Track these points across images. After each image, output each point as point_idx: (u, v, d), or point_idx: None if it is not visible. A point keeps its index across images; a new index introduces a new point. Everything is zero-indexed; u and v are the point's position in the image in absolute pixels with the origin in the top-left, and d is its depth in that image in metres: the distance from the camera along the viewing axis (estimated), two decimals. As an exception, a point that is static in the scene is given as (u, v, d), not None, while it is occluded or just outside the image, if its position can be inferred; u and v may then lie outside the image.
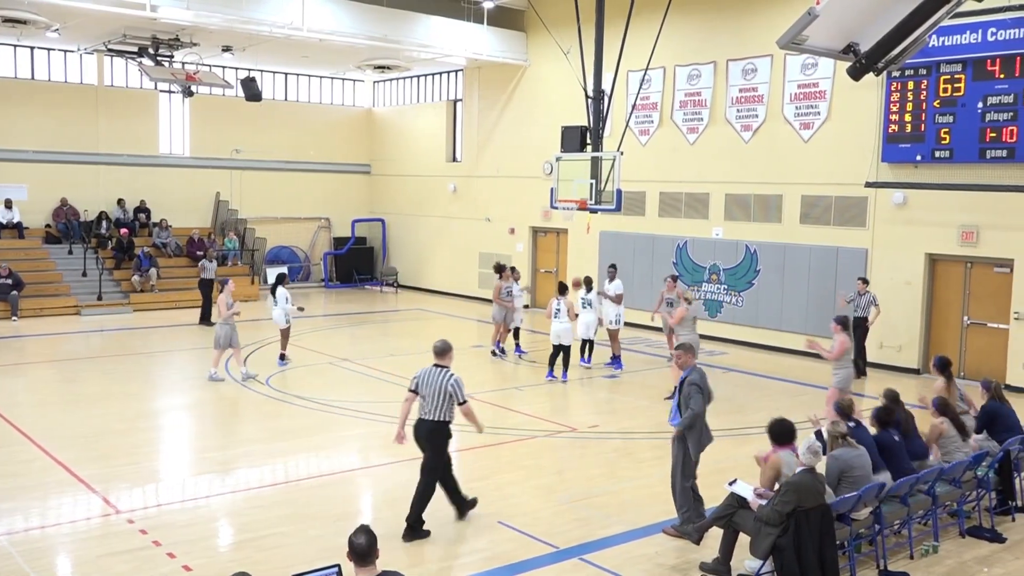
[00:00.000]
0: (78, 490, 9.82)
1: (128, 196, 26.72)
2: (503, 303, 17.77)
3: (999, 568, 8.27)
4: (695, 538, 8.22)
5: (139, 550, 8.22)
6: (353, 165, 31.27)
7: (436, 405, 8.68)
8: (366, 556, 5.11)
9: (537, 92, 24.62)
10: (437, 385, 8.65)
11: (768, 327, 19.29)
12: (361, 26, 21.67)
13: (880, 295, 17.49)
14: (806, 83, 18.58)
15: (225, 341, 15.42)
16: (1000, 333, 16.20)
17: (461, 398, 8.68)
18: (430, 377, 8.72)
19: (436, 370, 8.73)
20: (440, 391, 8.63)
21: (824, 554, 7.26)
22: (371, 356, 17.93)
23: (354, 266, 30.31)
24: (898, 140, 16.70)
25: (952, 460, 9.02)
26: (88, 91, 25.98)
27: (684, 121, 20.94)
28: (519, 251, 25.48)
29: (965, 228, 16.40)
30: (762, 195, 19.53)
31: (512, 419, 13.34)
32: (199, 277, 22.09)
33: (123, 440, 11.85)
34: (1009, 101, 15.20)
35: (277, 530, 8.78)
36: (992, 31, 15.33)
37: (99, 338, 19.96)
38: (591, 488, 10.33)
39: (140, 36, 21.61)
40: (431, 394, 8.68)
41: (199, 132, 27.98)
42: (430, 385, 8.68)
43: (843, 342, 11.86)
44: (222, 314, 15.47)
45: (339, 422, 13.10)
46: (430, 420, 8.74)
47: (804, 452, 7.48)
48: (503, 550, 8.37)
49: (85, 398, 14.30)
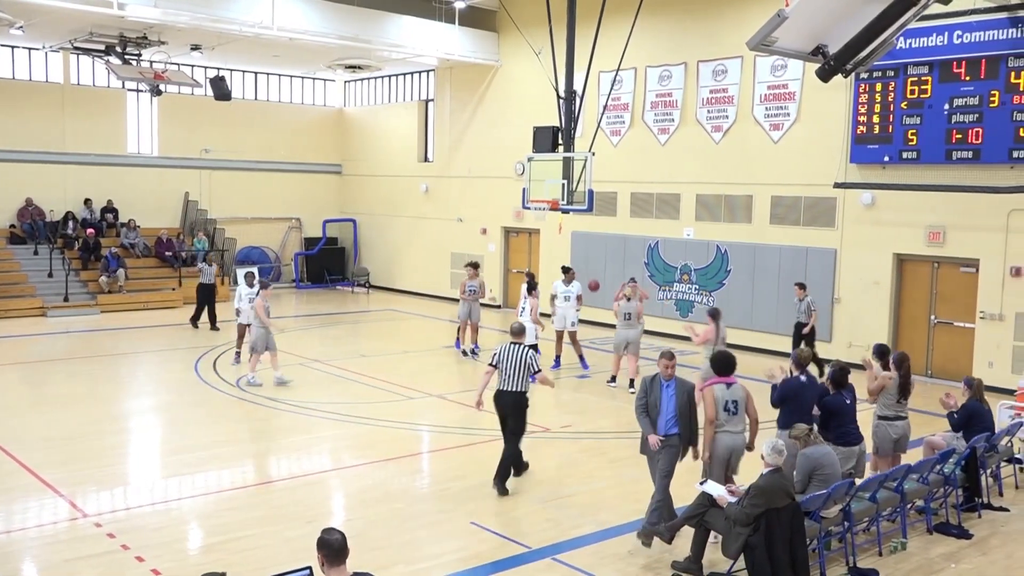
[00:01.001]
0: (44, 494, 9.67)
1: (95, 196, 26.39)
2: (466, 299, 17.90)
3: (966, 564, 8.38)
4: (667, 537, 8.25)
5: (107, 554, 8.12)
6: (324, 165, 31.10)
7: (516, 377, 9.78)
8: (338, 555, 5.07)
9: (509, 92, 24.63)
10: (516, 359, 9.77)
11: (739, 327, 19.37)
12: (332, 25, 21.55)
13: (849, 295, 17.72)
14: (776, 84, 18.73)
15: (262, 345, 15.13)
16: (966, 332, 16.42)
17: (536, 368, 9.81)
18: (508, 352, 9.83)
19: (513, 347, 9.85)
20: (519, 364, 9.76)
21: (795, 552, 7.32)
22: (342, 357, 17.83)
23: (325, 267, 30.15)
24: (866, 141, 16.88)
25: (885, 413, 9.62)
26: (54, 89, 25.63)
27: (655, 122, 21.04)
28: (491, 251, 25.48)
29: (932, 228, 16.61)
30: (732, 196, 19.67)
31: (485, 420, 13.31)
32: (199, 281, 21.06)
33: (91, 443, 11.70)
34: (974, 103, 15.41)
35: (249, 532, 8.71)
36: (958, 34, 15.54)
37: (66, 340, 19.69)
38: (564, 488, 10.35)
39: (107, 34, 21.35)
40: (510, 367, 9.79)
41: (168, 131, 27.70)
42: (509, 360, 9.80)
43: (706, 331, 13.35)
44: (262, 320, 15.15)
45: (311, 423, 13.01)
46: (511, 391, 9.84)
47: (769, 452, 7.54)
48: (476, 551, 8.36)
49: (51, 400, 14.10)
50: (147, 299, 24.00)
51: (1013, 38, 14.91)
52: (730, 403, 8.54)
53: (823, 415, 9.10)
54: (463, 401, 14.36)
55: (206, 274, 20.99)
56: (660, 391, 8.53)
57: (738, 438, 8.61)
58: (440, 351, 18.71)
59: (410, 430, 12.94)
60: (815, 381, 9.41)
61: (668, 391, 8.51)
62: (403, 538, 8.66)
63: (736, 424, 8.59)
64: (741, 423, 8.64)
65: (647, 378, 8.69)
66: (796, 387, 9.20)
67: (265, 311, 15.20)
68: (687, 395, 8.52)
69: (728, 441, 8.51)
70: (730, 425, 8.54)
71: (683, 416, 8.49)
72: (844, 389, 9.22)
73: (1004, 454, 10.55)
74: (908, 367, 9.83)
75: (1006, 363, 15.58)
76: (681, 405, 8.47)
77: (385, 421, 13.10)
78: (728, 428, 8.54)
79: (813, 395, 9.23)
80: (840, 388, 9.22)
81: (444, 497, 9.89)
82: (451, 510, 9.40)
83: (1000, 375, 15.47)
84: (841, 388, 9.22)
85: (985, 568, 8.31)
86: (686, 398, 8.51)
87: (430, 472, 11.19)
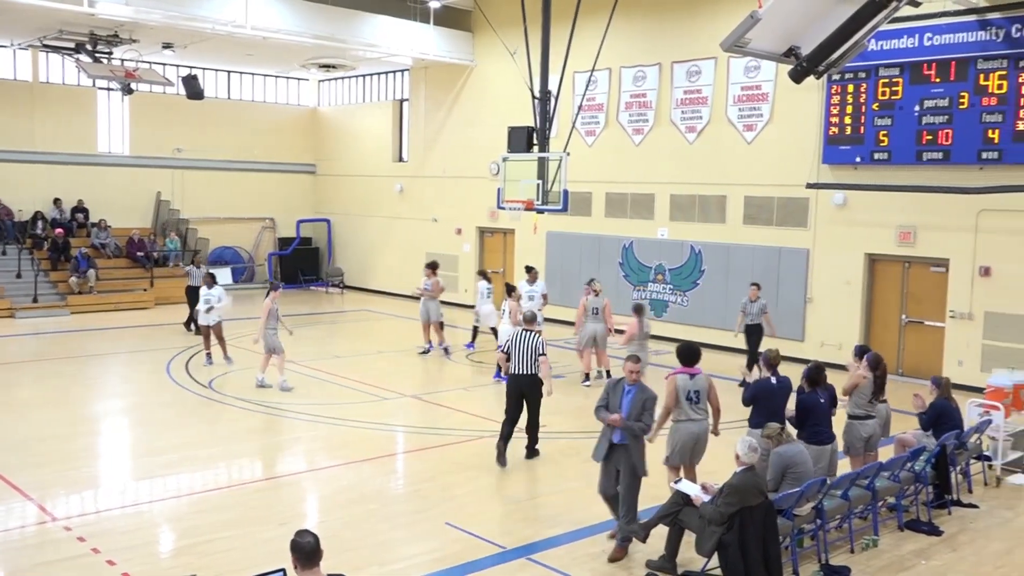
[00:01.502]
0: (12, 497, 9.53)
1: (66, 196, 26.09)
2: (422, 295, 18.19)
3: (936, 560, 8.47)
4: (641, 536, 8.27)
5: (77, 558, 8.02)
6: (298, 165, 30.93)
7: (527, 361, 10.84)
8: (311, 557, 5.04)
9: (484, 92, 24.60)
10: (526, 345, 10.86)
11: (713, 326, 19.50)
12: (306, 24, 21.42)
13: (821, 295, 17.84)
14: (749, 85, 18.84)
15: (275, 346, 14.85)
16: (936, 331, 16.60)
17: (542, 351, 10.91)
18: (520, 339, 10.93)
19: (525, 333, 11.03)
20: (529, 348, 10.85)
21: (768, 550, 7.36)
22: (316, 358, 17.73)
23: (299, 267, 29.97)
24: (838, 142, 17.02)
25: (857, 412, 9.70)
26: (22, 87, 25.31)
27: (630, 122, 21.10)
28: (466, 251, 25.45)
29: (903, 228, 16.78)
30: (706, 196, 19.76)
31: (459, 420, 13.31)
32: (187, 284, 20.30)
33: (60, 446, 11.55)
34: (944, 104, 15.59)
35: (221, 535, 8.63)
36: (928, 36, 15.72)
37: (35, 341, 19.44)
38: (538, 488, 10.35)
39: (77, 32, 21.09)
40: (521, 352, 10.84)
41: (139, 131, 27.42)
42: (520, 345, 10.88)
43: (631, 327, 14.01)
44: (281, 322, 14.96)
45: (284, 425, 12.93)
46: (525, 374, 10.89)
47: (744, 451, 7.58)
48: (451, 551, 8.34)
49: (19, 403, 13.91)
50: (118, 300, 23.74)
51: (982, 40, 15.11)
52: (692, 392, 8.89)
53: (797, 413, 9.15)
54: (438, 402, 14.34)
55: (194, 277, 20.07)
56: (621, 396, 8.38)
57: (701, 425, 8.98)
58: (414, 352, 18.66)
59: (384, 431, 12.89)
60: (786, 381, 9.46)
61: (628, 396, 8.34)
62: (377, 539, 8.62)
63: (698, 412, 8.95)
64: (703, 412, 8.99)
65: (612, 380, 8.72)
66: (766, 387, 9.28)
67: (274, 313, 14.90)
68: (642, 404, 8.24)
69: (692, 429, 8.92)
70: (693, 413, 8.90)
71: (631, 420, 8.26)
72: (820, 387, 9.23)
73: (973, 451, 10.68)
74: (884, 368, 9.94)
75: (975, 361, 15.77)
76: (634, 411, 8.22)
77: (359, 422, 13.04)
78: (692, 416, 8.90)
79: (784, 395, 9.30)
80: (815, 386, 9.23)
81: (418, 497, 9.87)
82: (426, 510, 9.38)
83: (970, 373, 15.65)
84: (816, 386, 9.23)
85: (955, 564, 8.40)
86: (640, 407, 8.23)
87: (404, 473, 11.15)
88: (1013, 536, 9.17)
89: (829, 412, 9.22)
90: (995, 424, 10.86)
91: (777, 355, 9.62)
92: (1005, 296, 15.52)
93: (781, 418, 9.05)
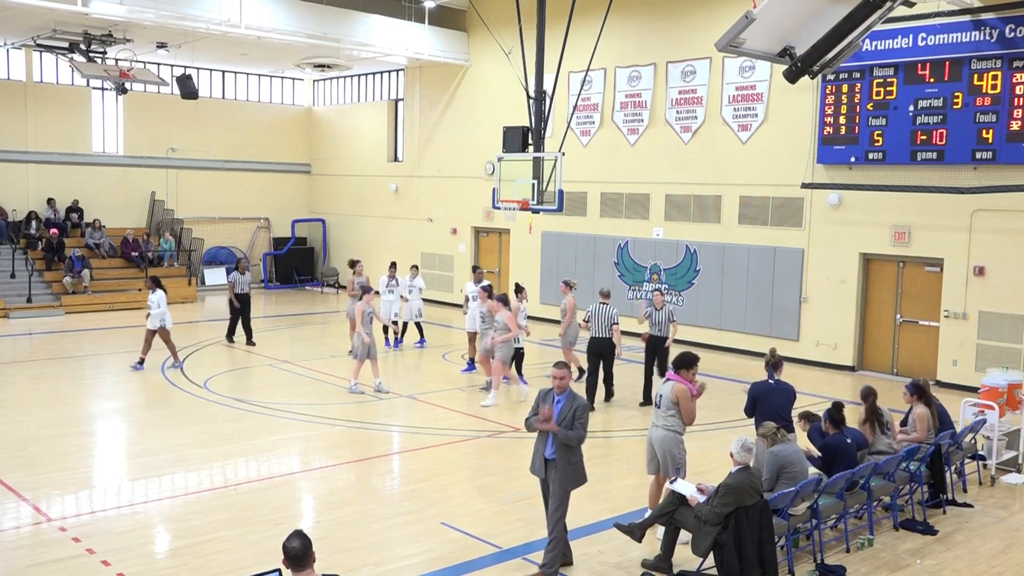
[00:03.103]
0: (6, 498, 9.51)
1: (60, 195, 26.04)
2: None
3: (931, 559, 8.48)
4: (637, 536, 8.27)
5: (72, 558, 8.00)
6: (293, 165, 30.90)
7: (602, 328, 13.81)
8: (301, 560, 5.05)
9: (479, 92, 24.60)
10: (603, 315, 13.83)
11: (708, 326, 19.53)
12: (300, 24, 21.40)
13: (816, 294, 17.86)
14: (744, 85, 18.86)
15: (363, 352, 14.56)
16: (931, 330, 16.64)
17: (615, 320, 13.84)
18: (597, 311, 13.86)
19: (602, 306, 13.87)
20: (605, 318, 13.82)
21: (763, 549, 7.37)
22: (311, 358, 17.72)
23: (294, 267, 29.95)
24: (833, 142, 17.05)
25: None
26: (16, 87, 25.24)
27: (624, 122, 21.11)
28: (461, 251, 25.43)
29: (897, 228, 16.81)
30: (701, 196, 19.78)
31: (455, 420, 13.30)
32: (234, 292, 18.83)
33: (54, 446, 11.52)
34: (938, 104, 15.62)
35: (216, 535, 8.62)
36: (922, 36, 15.75)
37: (28, 341, 19.40)
38: (534, 488, 10.32)
39: (71, 31, 21.04)
40: (598, 321, 13.81)
41: (133, 130, 27.37)
42: (597, 316, 13.84)
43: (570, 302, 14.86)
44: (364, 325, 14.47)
45: (278, 425, 12.91)
46: (601, 337, 13.82)
47: (739, 451, 7.59)
48: (447, 551, 8.33)
49: (13, 403, 13.86)
50: (112, 300, 23.69)
51: (976, 40, 15.14)
52: (657, 396, 8.72)
53: (824, 457, 8.77)
54: (434, 402, 14.34)
55: (240, 284, 18.82)
56: (551, 405, 7.75)
57: (659, 432, 8.51)
58: (408, 352, 18.65)
59: (379, 431, 12.88)
60: (783, 383, 9.46)
61: (558, 406, 7.72)
62: (373, 539, 8.61)
63: (659, 419, 8.56)
64: (667, 419, 8.49)
65: (542, 390, 7.95)
66: (763, 389, 9.30)
67: (369, 316, 14.54)
68: (572, 413, 7.63)
69: (650, 434, 8.69)
70: (655, 418, 8.66)
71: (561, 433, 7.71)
72: (844, 427, 8.91)
73: (968, 451, 10.70)
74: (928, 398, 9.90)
75: (970, 361, 15.81)
76: (565, 421, 7.62)
77: (354, 422, 13.03)
78: (653, 421, 8.70)
79: (782, 393, 9.30)
80: (839, 426, 8.89)
81: (414, 498, 9.86)
82: (421, 511, 9.37)
83: (964, 373, 15.70)
84: (840, 426, 8.89)
85: (950, 563, 8.41)
86: (571, 416, 7.62)
87: (400, 473, 11.14)
88: (1007, 535, 9.19)
89: (855, 454, 8.87)
90: (989, 424, 10.88)
91: (776, 355, 9.65)
92: (999, 296, 15.56)
93: (782, 417, 8.99)
